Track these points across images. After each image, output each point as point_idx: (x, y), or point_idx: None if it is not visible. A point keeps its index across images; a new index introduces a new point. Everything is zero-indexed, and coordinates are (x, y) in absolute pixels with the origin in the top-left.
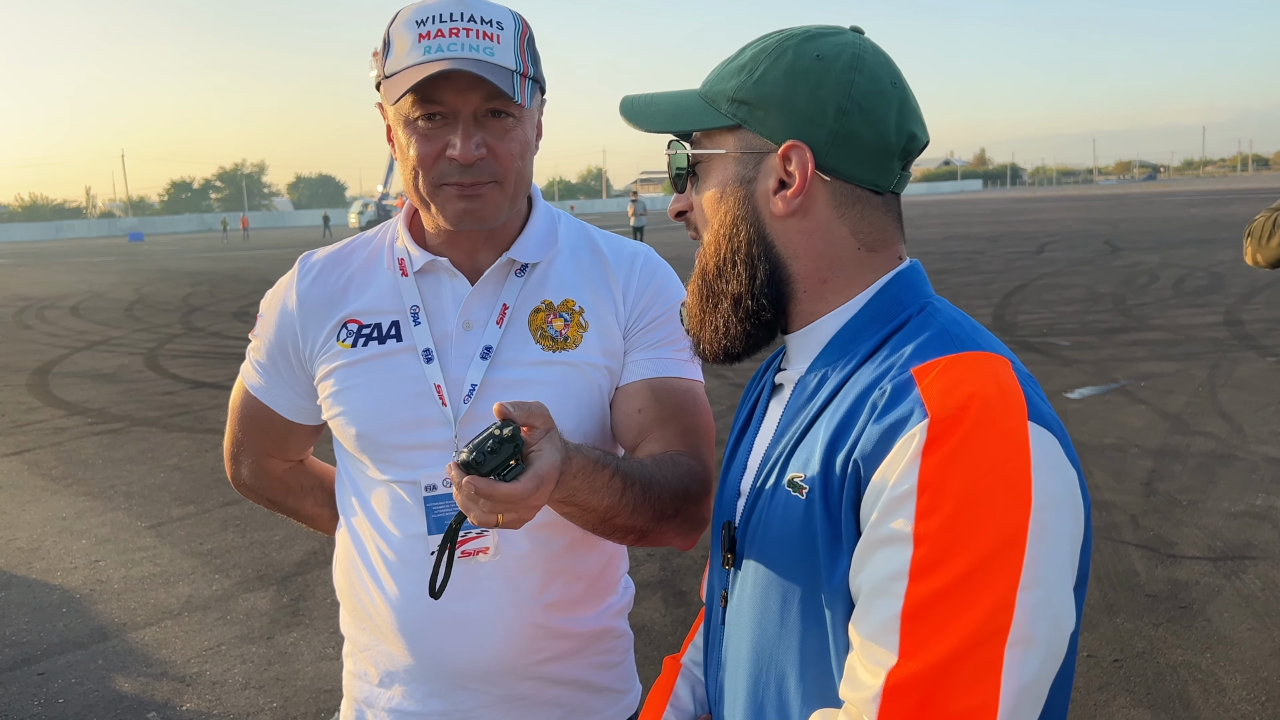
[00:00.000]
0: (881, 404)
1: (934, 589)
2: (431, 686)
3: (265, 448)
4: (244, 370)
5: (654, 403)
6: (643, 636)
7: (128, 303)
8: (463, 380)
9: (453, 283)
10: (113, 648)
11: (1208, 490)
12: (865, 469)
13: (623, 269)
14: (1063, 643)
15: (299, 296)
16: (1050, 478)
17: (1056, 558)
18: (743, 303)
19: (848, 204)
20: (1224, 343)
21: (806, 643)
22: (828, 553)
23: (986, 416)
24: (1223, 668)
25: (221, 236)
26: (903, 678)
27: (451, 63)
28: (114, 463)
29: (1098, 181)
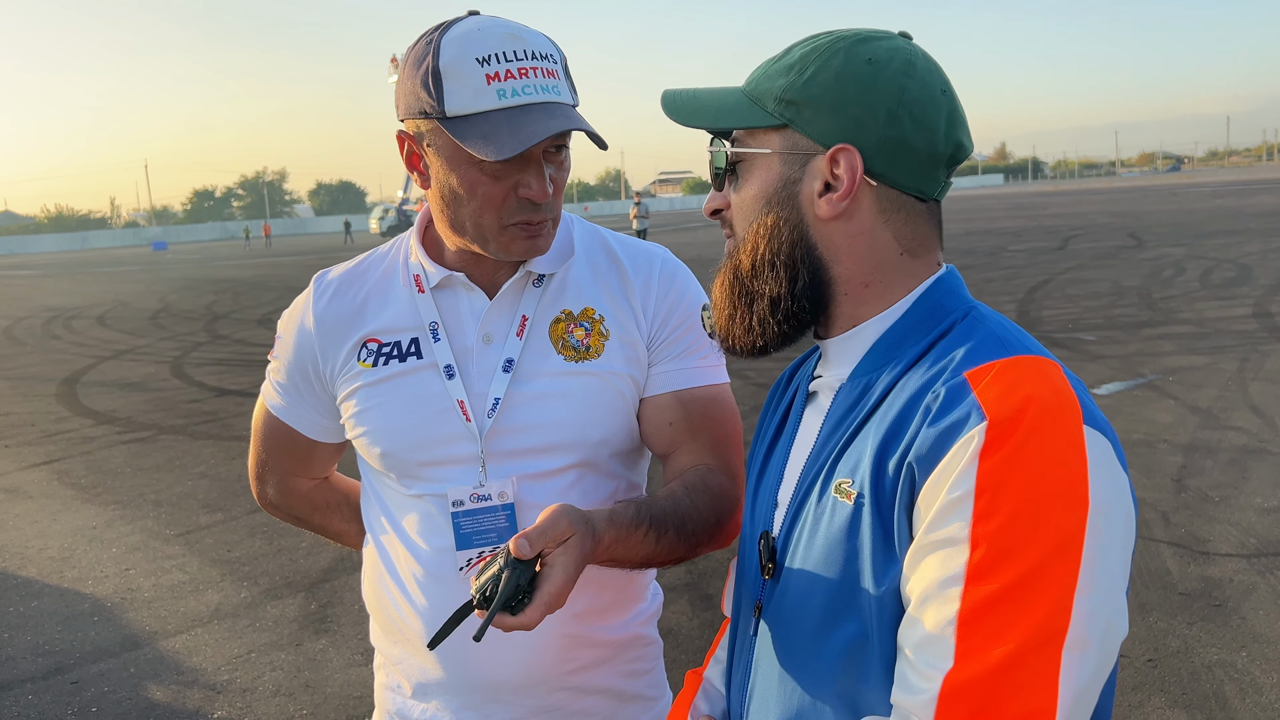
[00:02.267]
0: (936, 407)
1: (991, 592)
2: (464, 699)
3: (290, 467)
4: (265, 391)
5: (684, 415)
6: (670, 640)
7: (153, 311)
8: (486, 394)
9: (470, 297)
10: (144, 656)
11: (1240, 486)
12: (920, 472)
13: (640, 276)
14: (1116, 647)
15: (316, 317)
16: (1106, 482)
17: (1111, 562)
18: (782, 304)
19: (892, 210)
20: (1253, 335)
21: (849, 650)
22: (878, 558)
23: (1044, 420)
24: (1259, 666)
25: (244, 244)
26: (959, 681)
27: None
28: (142, 471)
29: (1120, 174)
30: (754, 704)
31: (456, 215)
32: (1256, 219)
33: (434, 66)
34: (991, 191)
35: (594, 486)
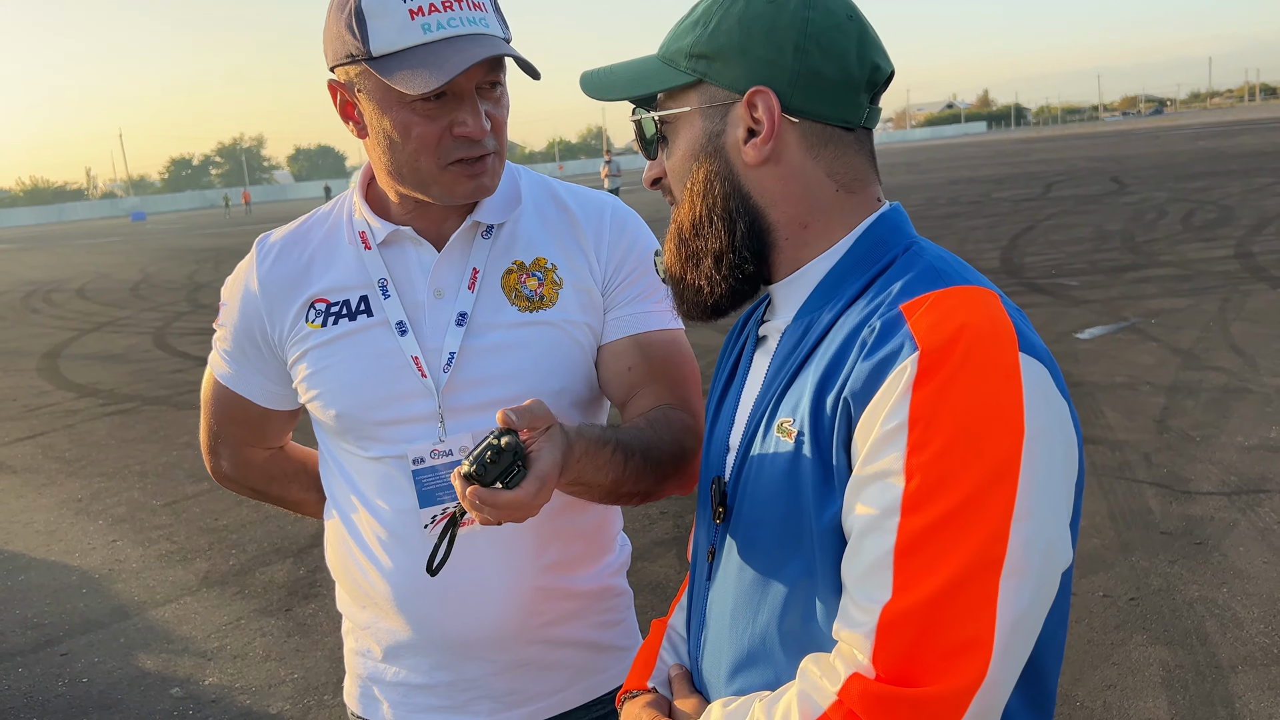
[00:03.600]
0: (871, 340)
1: (927, 522)
2: (437, 658)
3: (243, 437)
4: (212, 360)
5: (642, 359)
6: (658, 594)
7: (133, 282)
8: (440, 349)
9: (418, 251)
10: (133, 626)
11: (1221, 425)
12: (855, 406)
13: (591, 224)
14: (1056, 574)
15: (261, 281)
16: (1043, 407)
17: (1049, 488)
18: (724, 258)
19: (820, 144)
20: (1234, 275)
21: (795, 589)
22: (818, 494)
23: (977, 348)
24: (1239, 602)
25: (224, 212)
26: (897, 612)
27: (472, 44)
28: (127, 443)
29: (1103, 118)
30: (708, 648)
31: (395, 161)
32: (1238, 160)
33: (357, 6)
34: (975, 139)
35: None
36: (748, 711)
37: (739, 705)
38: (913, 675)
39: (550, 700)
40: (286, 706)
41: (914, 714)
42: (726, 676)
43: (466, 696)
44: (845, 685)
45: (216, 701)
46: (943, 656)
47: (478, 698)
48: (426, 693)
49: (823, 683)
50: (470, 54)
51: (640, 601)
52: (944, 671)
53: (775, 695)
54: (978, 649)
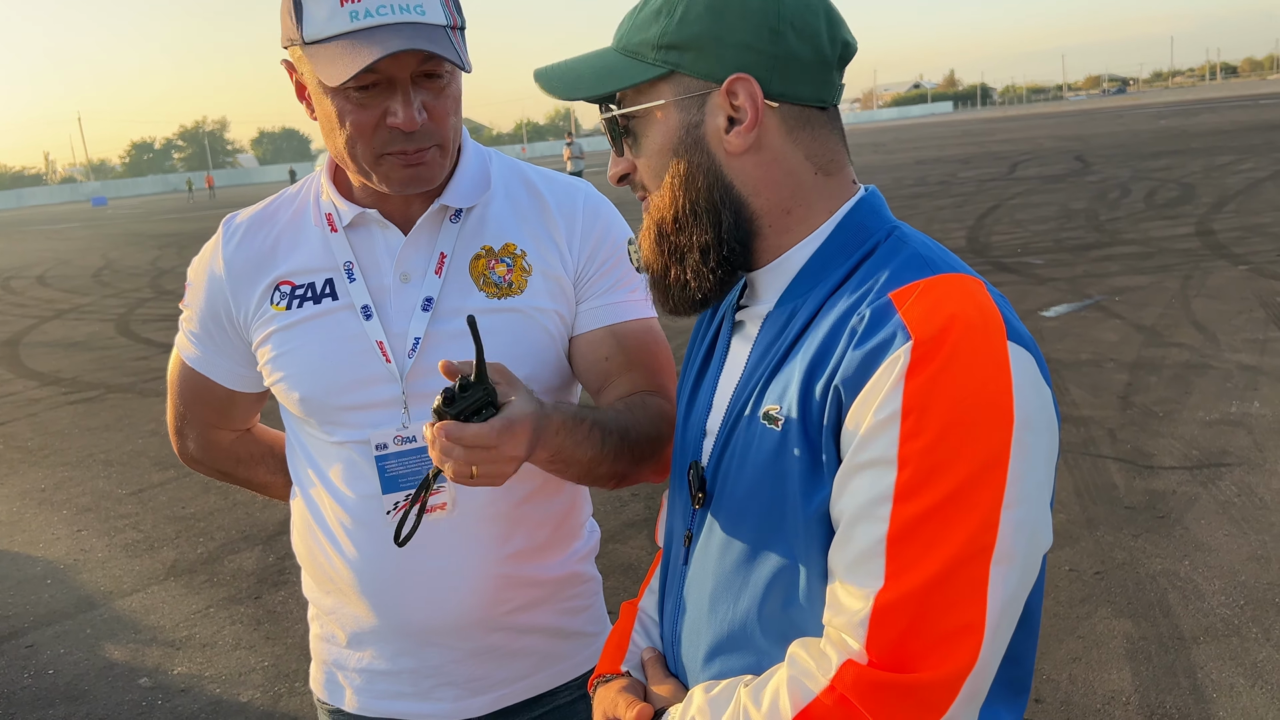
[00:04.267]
0: (861, 329)
1: (920, 511)
2: (400, 645)
3: (209, 419)
4: (178, 342)
5: (619, 349)
6: (629, 575)
7: (95, 269)
8: (405, 334)
9: (385, 235)
10: (100, 616)
11: (1183, 400)
12: (846, 395)
13: (564, 212)
14: (1040, 557)
15: (226, 261)
16: (1030, 396)
17: (1036, 475)
18: (712, 252)
19: (798, 126)
20: (1196, 253)
21: (778, 575)
22: (805, 482)
23: (969, 338)
24: (1200, 574)
25: (187, 197)
26: (891, 599)
27: (394, 34)
28: (90, 431)
29: (1068, 98)
30: (685, 632)
31: (336, 147)
32: (1199, 138)
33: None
34: (941, 119)
35: None
36: (732, 696)
37: (722, 689)
38: (906, 661)
39: (515, 686)
40: (257, 695)
41: (908, 699)
42: (704, 660)
43: (430, 683)
44: (839, 671)
45: (186, 691)
46: (936, 642)
47: (441, 685)
48: (390, 679)
49: (814, 669)
50: (388, 44)
51: (611, 584)
52: (937, 657)
53: (761, 680)
54: (970, 634)
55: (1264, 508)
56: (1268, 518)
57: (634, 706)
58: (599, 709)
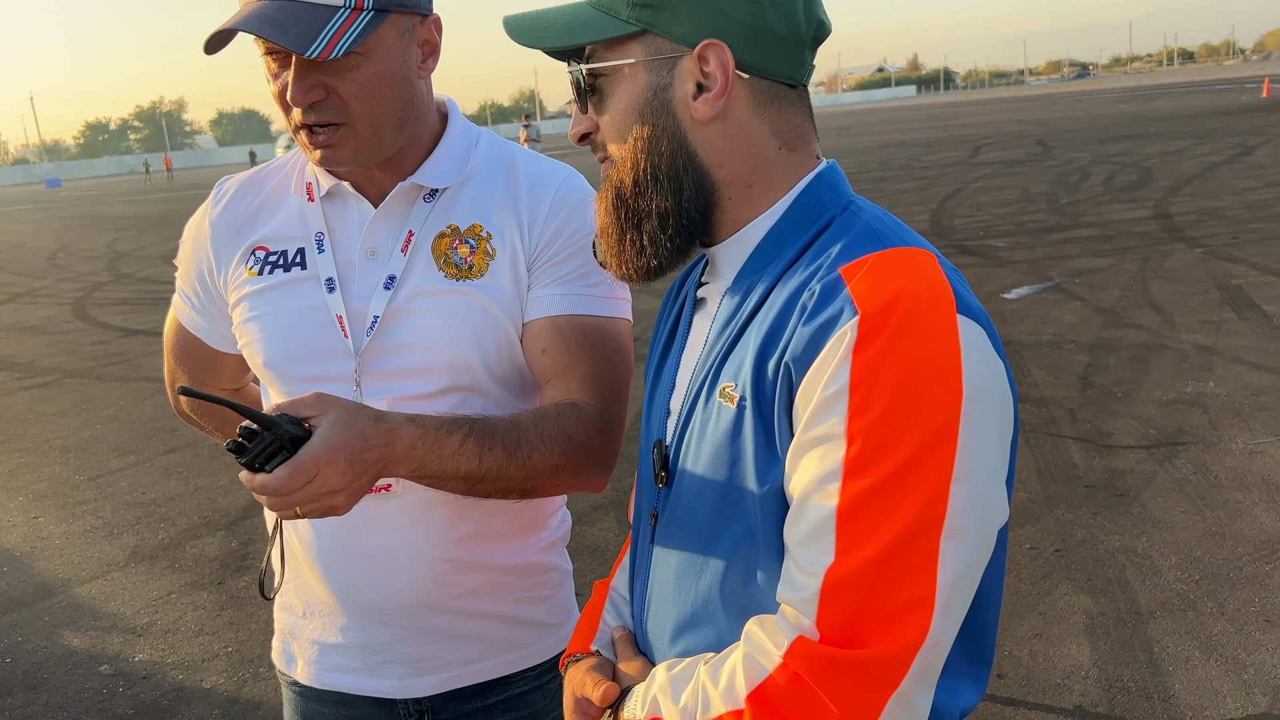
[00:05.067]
0: (811, 305)
1: (868, 486)
2: (349, 620)
3: (198, 376)
4: (174, 299)
5: (560, 343)
6: (597, 557)
7: (50, 251)
8: (366, 311)
9: (358, 208)
10: (59, 604)
11: (1141, 381)
12: (796, 371)
13: (534, 192)
14: (993, 533)
15: (212, 223)
16: (980, 368)
17: (988, 448)
18: (671, 220)
19: (766, 101)
20: (1153, 236)
21: (737, 552)
22: (760, 459)
23: (916, 311)
24: (1158, 550)
25: (144, 179)
26: (841, 575)
27: (258, 13)
28: (46, 417)
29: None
30: (652, 610)
31: None
32: (1157, 123)
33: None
34: (905, 103)
35: (479, 414)
36: (692, 674)
37: (683, 668)
38: (856, 637)
39: (463, 670)
40: (221, 680)
41: (858, 674)
42: (670, 638)
43: (377, 659)
44: (790, 648)
45: (148, 678)
46: (886, 617)
47: (387, 662)
48: (339, 652)
49: (767, 645)
50: (243, 21)
51: (579, 565)
52: (887, 632)
53: (719, 658)
54: (920, 609)
55: (1218, 485)
56: (1222, 495)
57: (600, 685)
58: (568, 688)
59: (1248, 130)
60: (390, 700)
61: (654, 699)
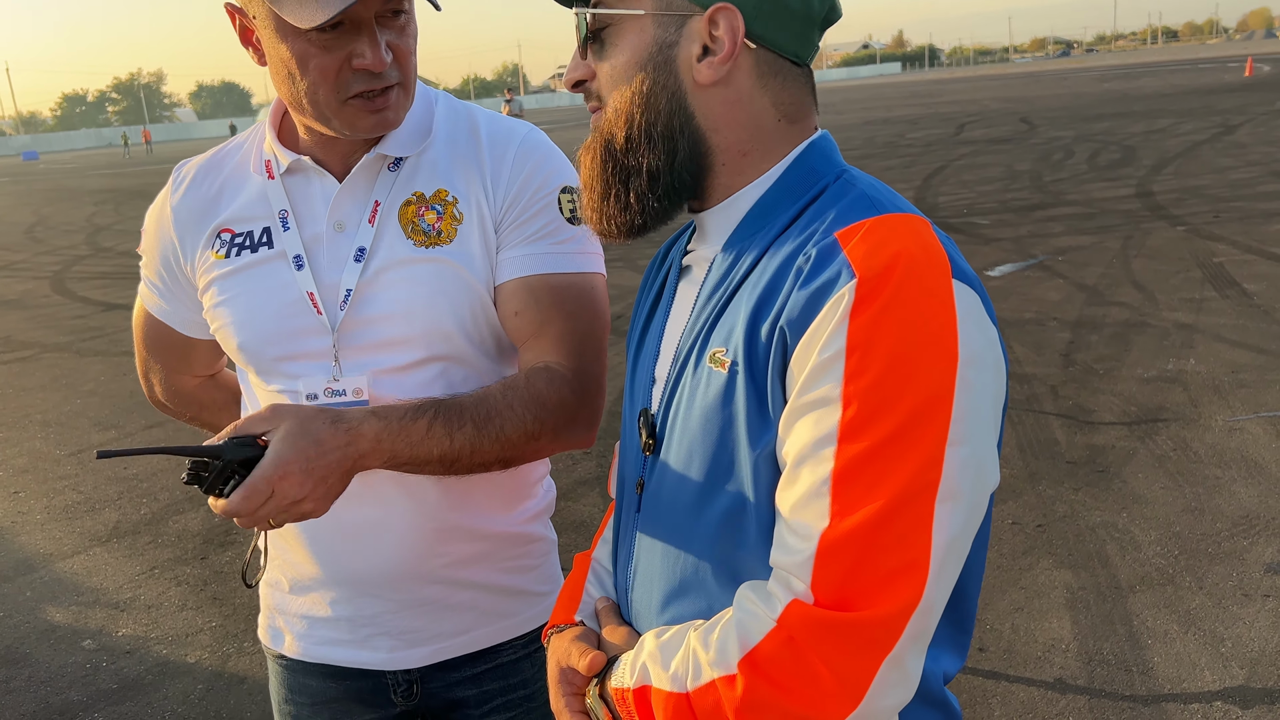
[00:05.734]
0: (807, 269)
1: (864, 449)
2: (337, 593)
3: (172, 364)
4: (140, 288)
5: (532, 304)
6: (581, 532)
7: (27, 225)
8: (337, 285)
9: (321, 182)
10: (40, 579)
11: (1122, 358)
12: (791, 336)
13: (496, 151)
14: (985, 497)
15: (174, 208)
16: (975, 333)
17: (981, 412)
18: (661, 179)
19: (770, 74)
20: (1136, 214)
21: (728, 519)
22: (752, 424)
23: (913, 275)
24: (1138, 525)
25: (123, 152)
26: (835, 539)
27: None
28: (26, 391)
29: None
30: (638, 580)
31: (294, 93)
32: (1140, 101)
33: None
34: (889, 80)
35: (461, 382)
36: (682, 640)
37: (673, 635)
38: (851, 600)
39: (454, 640)
40: (205, 655)
41: (853, 637)
42: (659, 607)
43: (366, 632)
44: (784, 612)
45: (131, 653)
46: (880, 581)
47: (377, 634)
48: (328, 626)
49: (760, 610)
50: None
51: (564, 540)
52: (881, 595)
53: (710, 623)
54: (914, 572)
55: (1198, 461)
56: (1201, 471)
57: (587, 654)
58: (552, 658)
59: (1230, 109)
60: (379, 671)
61: (643, 666)
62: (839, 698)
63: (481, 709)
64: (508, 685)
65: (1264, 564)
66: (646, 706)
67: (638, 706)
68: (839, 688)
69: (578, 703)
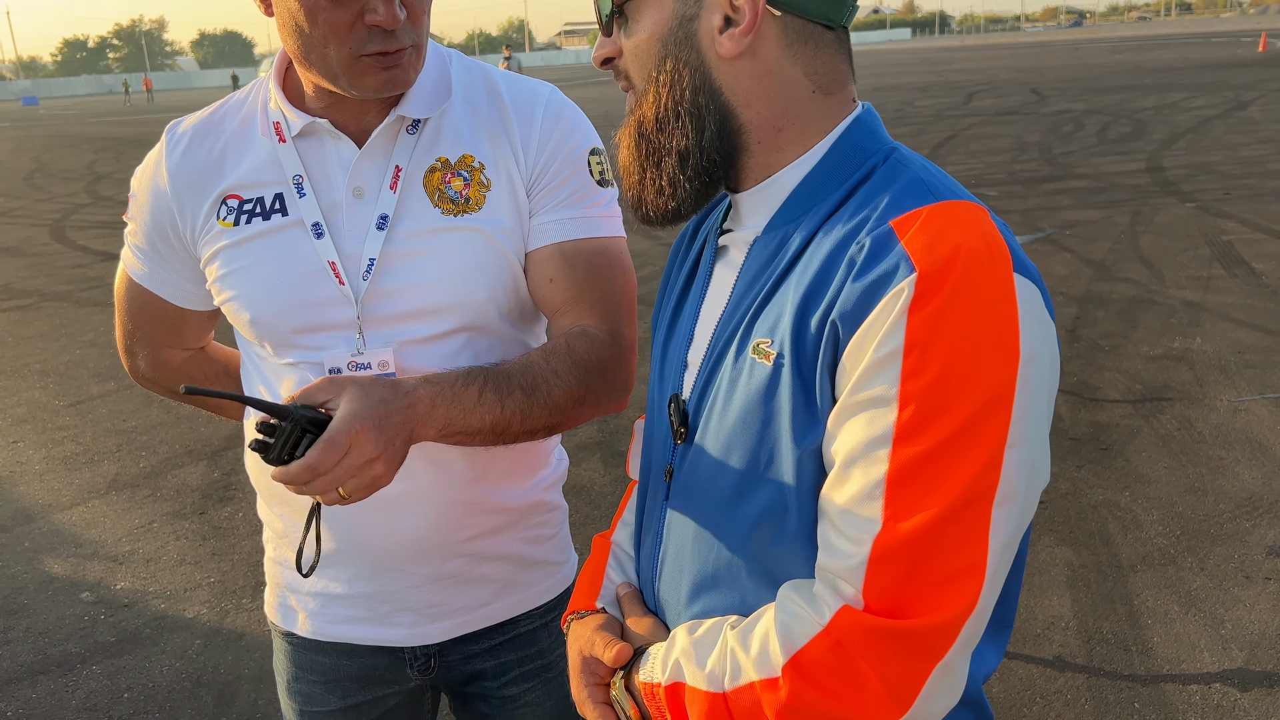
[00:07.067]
0: (861, 259)
1: (921, 451)
2: (356, 569)
3: (160, 338)
4: (124, 256)
5: (566, 270)
6: (583, 497)
7: (27, 171)
8: (359, 255)
9: (337, 146)
10: (39, 529)
11: (1129, 335)
12: (845, 329)
13: (522, 115)
14: (1038, 495)
15: (170, 172)
16: (1035, 330)
17: (1039, 412)
18: (690, 159)
19: (800, 42)
20: (1145, 189)
21: (765, 514)
22: (797, 420)
23: (974, 270)
24: (1140, 504)
25: (124, 99)
26: (890, 543)
27: None
28: (25, 340)
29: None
30: (666, 569)
31: (303, 47)
32: (1153, 74)
33: None
34: (899, 46)
35: (485, 351)
36: (718, 637)
37: (707, 630)
38: (905, 607)
39: (475, 614)
40: (203, 610)
41: (905, 645)
42: (687, 599)
43: (387, 609)
44: (835, 618)
45: (129, 606)
46: (935, 587)
47: (398, 610)
48: (345, 604)
49: (806, 612)
50: None
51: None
52: (936, 601)
53: (749, 622)
54: (970, 578)
55: (1202, 441)
56: (1205, 451)
57: (613, 646)
58: (574, 646)
59: (1243, 85)
60: (397, 647)
61: (676, 663)
62: (888, 704)
63: (499, 680)
64: (525, 656)
65: (1266, 546)
66: (679, 704)
67: (669, 703)
68: (888, 695)
69: (601, 694)
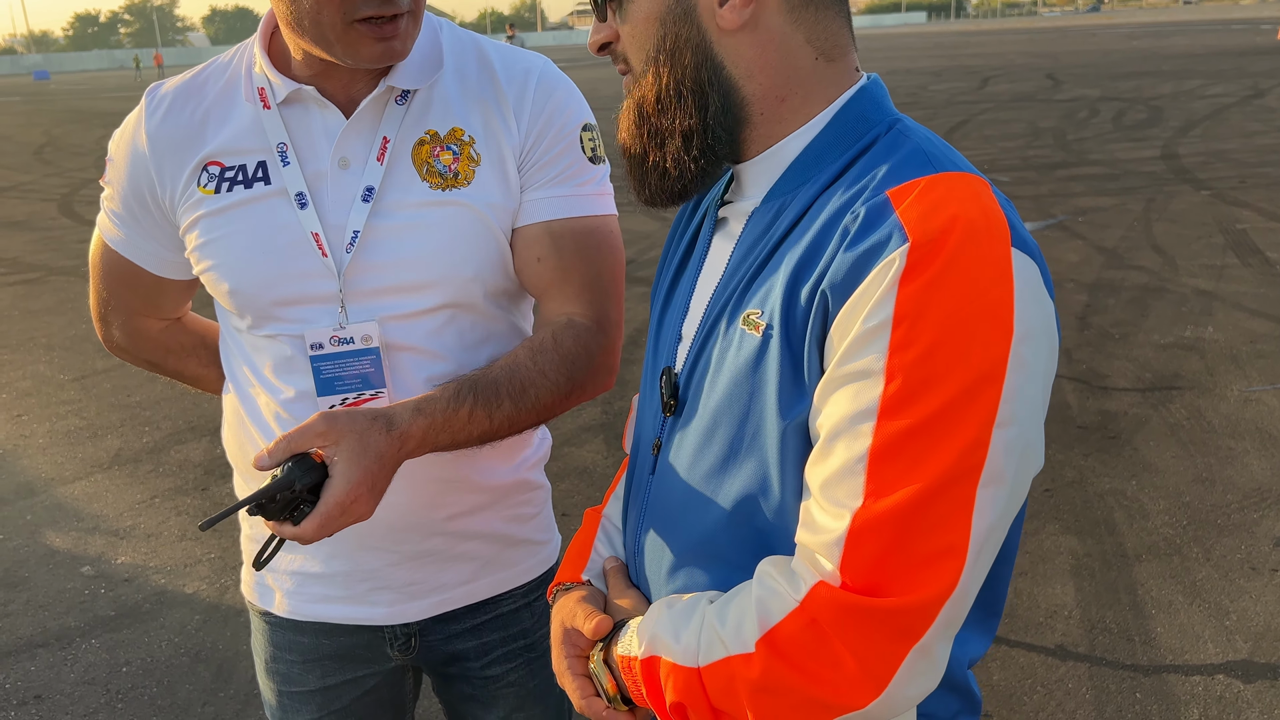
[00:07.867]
0: (854, 229)
1: (905, 427)
2: (333, 548)
3: (135, 306)
4: (100, 222)
5: (554, 250)
6: (584, 479)
7: (37, 145)
8: (344, 227)
9: (323, 115)
10: (41, 503)
11: (1139, 323)
12: (834, 300)
13: (514, 87)
14: (1029, 480)
15: (150, 136)
16: (1032, 308)
17: (1031, 393)
18: (695, 139)
19: (800, 6)
20: (1160, 176)
21: (750, 488)
22: (785, 392)
23: (970, 241)
24: (1147, 494)
25: (135, 74)
26: (869, 519)
27: None
28: (32, 314)
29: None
30: (649, 544)
31: (296, 11)
32: (1170, 61)
33: None
34: (914, 30)
35: (469, 328)
36: (695, 612)
37: (685, 604)
38: (882, 585)
39: (455, 592)
40: (203, 586)
41: (881, 624)
42: (668, 574)
43: (365, 587)
44: (810, 593)
45: (130, 580)
46: (914, 566)
47: (377, 588)
48: (323, 582)
49: (783, 588)
50: None
51: (567, 486)
52: (915, 581)
53: (726, 597)
54: (951, 558)
55: (1211, 431)
56: (1214, 441)
57: (593, 617)
58: (557, 617)
59: (1261, 73)
60: (376, 627)
61: (653, 636)
62: (862, 685)
63: (481, 660)
64: (508, 635)
65: (1273, 538)
66: (654, 678)
67: (645, 676)
68: (862, 675)
69: (580, 665)
